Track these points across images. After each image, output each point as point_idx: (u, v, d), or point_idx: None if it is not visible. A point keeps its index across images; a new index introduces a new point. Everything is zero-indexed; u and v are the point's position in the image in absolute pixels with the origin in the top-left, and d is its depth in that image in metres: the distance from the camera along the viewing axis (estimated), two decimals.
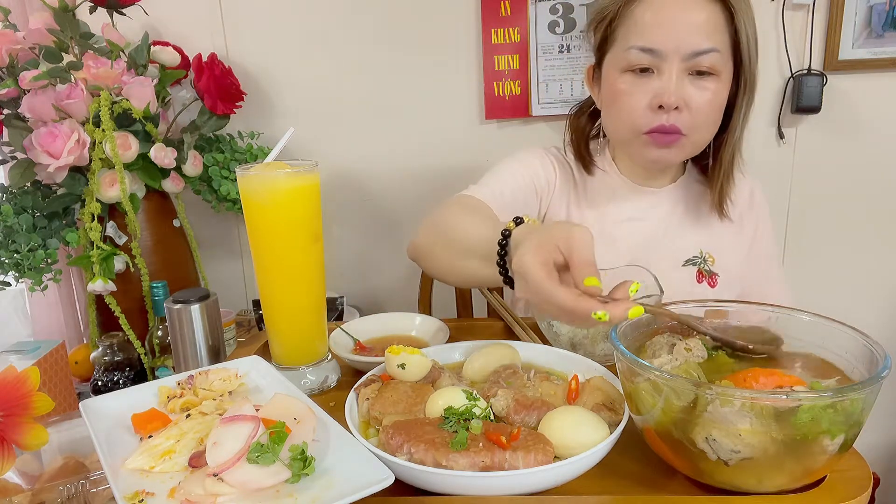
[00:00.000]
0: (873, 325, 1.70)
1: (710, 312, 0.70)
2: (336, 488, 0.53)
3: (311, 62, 1.63)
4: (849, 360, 0.59)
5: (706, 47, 0.93)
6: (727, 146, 1.04)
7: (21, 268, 1.22)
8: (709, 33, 0.93)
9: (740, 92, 1.00)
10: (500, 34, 1.57)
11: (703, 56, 0.93)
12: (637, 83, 0.97)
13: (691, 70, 0.95)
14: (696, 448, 0.53)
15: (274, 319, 0.81)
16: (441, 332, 0.90)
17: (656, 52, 0.94)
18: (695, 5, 0.94)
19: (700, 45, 0.93)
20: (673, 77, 0.94)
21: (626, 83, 0.98)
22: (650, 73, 0.96)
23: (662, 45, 0.94)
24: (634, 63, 0.96)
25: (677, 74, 0.94)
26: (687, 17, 0.94)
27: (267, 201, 0.76)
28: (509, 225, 0.74)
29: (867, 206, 1.64)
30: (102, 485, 0.62)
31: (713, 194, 1.08)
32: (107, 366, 1.17)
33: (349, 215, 1.70)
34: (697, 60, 0.94)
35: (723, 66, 0.95)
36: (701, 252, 1.11)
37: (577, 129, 1.14)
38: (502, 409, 0.65)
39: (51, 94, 1.20)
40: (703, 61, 0.94)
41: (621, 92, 0.99)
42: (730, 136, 1.03)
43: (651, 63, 0.96)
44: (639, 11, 0.96)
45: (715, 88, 0.96)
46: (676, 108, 0.95)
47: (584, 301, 0.60)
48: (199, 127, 1.45)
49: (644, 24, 0.95)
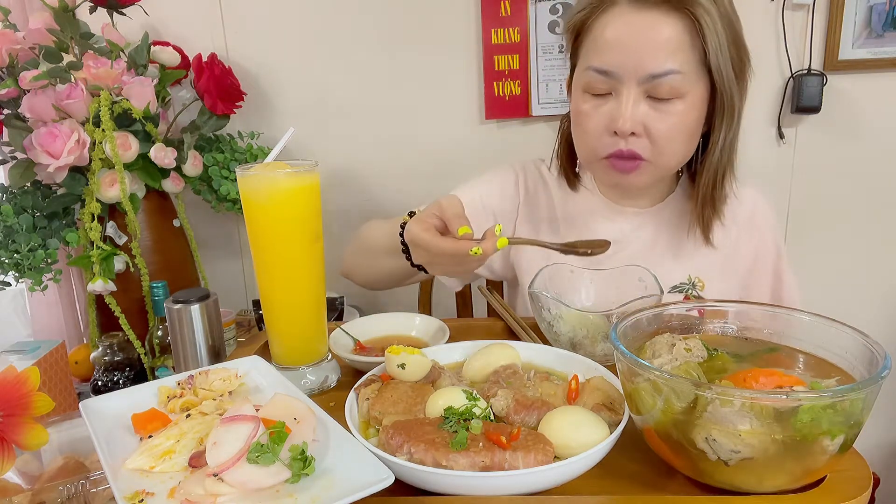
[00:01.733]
0: (873, 325, 1.70)
1: (710, 312, 0.70)
2: (336, 488, 0.53)
3: (312, 62, 1.63)
4: (849, 360, 0.59)
5: (665, 69, 0.86)
6: (706, 170, 0.96)
7: (21, 268, 1.22)
8: (669, 53, 0.86)
9: (717, 113, 0.92)
10: (500, 34, 1.57)
11: (661, 79, 0.86)
12: (596, 104, 0.92)
13: (650, 93, 0.88)
14: (696, 448, 0.53)
15: (274, 319, 0.81)
16: (441, 332, 0.90)
17: (611, 74, 0.89)
18: (654, 21, 0.86)
19: (658, 67, 0.86)
20: (629, 101, 0.88)
21: (586, 104, 0.93)
22: (609, 95, 0.91)
23: (618, 68, 0.88)
24: (591, 84, 0.91)
25: (634, 98, 0.88)
26: (645, 35, 0.86)
27: (267, 201, 0.76)
28: (405, 218, 0.91)
29: (867, 206, 1.64)
30: (102, 485, 0.62)
31: (694, 220, 1.01)
32: (107, 366, 1.17)
33: (349, 215, 1.70)
34: (656, 83, 0.87)
35: (689, 87, 0.88)
36: (689, 278, 1.03)
37: (565, 138, 1.08)
38: (502, 409, 0.65)
39: (51, 94, 1.20)
40: (662, 83, 0.87)
41: (581, 113, 0.94)
42: (707, 160, 0.95)
43: (607, 85, 0.90)
44: (598, 27, 0.90)
45: (680, 111, 0.89)
46: (634, 133, 0.89)
47: (461, 243, 0.77)
48: (199, 127, 1.45)
49: (602, 42, 0.89)
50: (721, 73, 0.88)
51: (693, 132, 0.93)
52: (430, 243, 0.79)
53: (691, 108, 0.90)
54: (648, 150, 0.91)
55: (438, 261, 0.82)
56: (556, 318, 0.82)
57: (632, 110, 0.88)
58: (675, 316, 0.69)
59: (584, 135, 0.95)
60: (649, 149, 0.91)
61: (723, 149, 0.94)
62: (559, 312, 0.81)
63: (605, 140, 0.92)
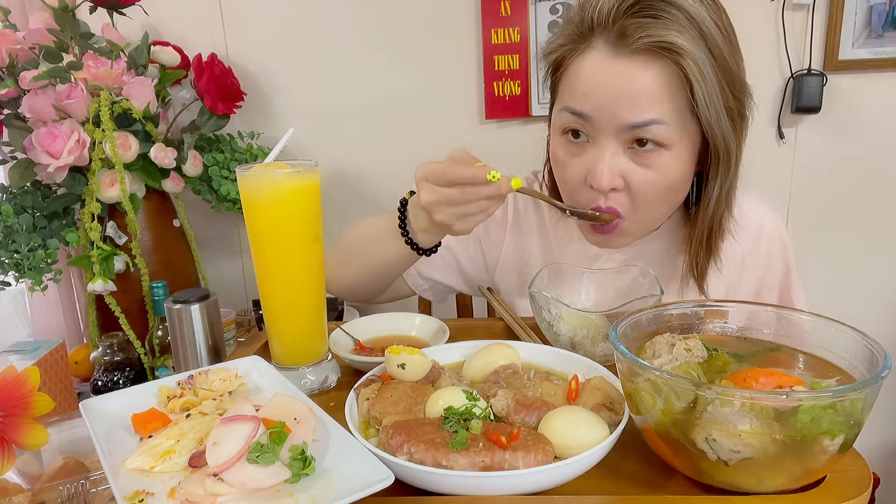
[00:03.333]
0: (873, 325, 1.70)
1: (710, 312, 0.70)
2: (336, 488, 0.53)
3: (312, 62, 1.63)
4: (849, 360, 0.59)
5: (645, 119, 0.77)
6: (701, 221, 0.88)
7: (21, 268, 1.22)
8: (651, 102, 0.77)
9: (711, 164, 0.83)
10: (500, 34, 1.57)
11: (641, 129, 0.78)
12: (573, 152, 0.85)
13: (631, 143, 0.80)
14: (696, 448, 0.53)
15: (274, 319, 0.81)
16: (441, 332, 0.90)
17: (588, 119, 0.80)
18: (635, 68, 0.77)
19: (638, 117, 0.78)
20: (606, 154, 0.80)
21: (562, 150, 0.86)
22: (587, 142, 0.83)
23: (594, 113, 0.80)
24: (568, 126, 0.84)
25: (613, 149, 0.80)
26: (623, 82, 0.77)
27: (267, 201, 0.76)
28: (405, 196, 0.91)
29: (867, 206, 1.64)
30: (102, 485, 0.62)
31: (688, 265, 0.92)
32: (107, 366, 1.17)
33: (349, 215, 1.70)
34: (635, 133, 0.79)
35: (674, 138, 0.79)
36: None
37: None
38: (502, 409, 0.65)
39: (51, 94, 1.20)
40: (642, 134, 0.79)
41: (559, 161, 0.87)
42: (702, 211, 0.87)
43: (584, 129, 0.82)
44: (574, 67, 0.82)
45: (664, 165, 0.81)
46: (613, 188, 0.82)
47: (479, 168, 0.75)
48: (199, 127, 1.45)
49: (577, 84, 0.81)
50: (712, 126, 0.79)
51: (679, 184, 0.85)
52: (447, 169, 0.77)
53: (676, 159, 0.81)
54: (628, 206, 0.84)
55: (450, 195, 0.78)
56: (556, 318, 0.82)
57: (609, 163, 0.81)
58: (675, 316, 0.69)
59: (563, 183, 0.89)
60: (628, 204, 0.84)
61: (718, 199, 0.86)
62: (559, 312, 0.81)
63: (584, 194, 0.85)
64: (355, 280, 1.03)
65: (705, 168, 0.86)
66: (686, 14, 0.76)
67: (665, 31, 0.75)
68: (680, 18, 0.76)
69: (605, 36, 0.80)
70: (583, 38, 0.82)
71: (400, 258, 0.95)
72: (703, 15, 0.77)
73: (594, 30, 0.81)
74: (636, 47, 0.77)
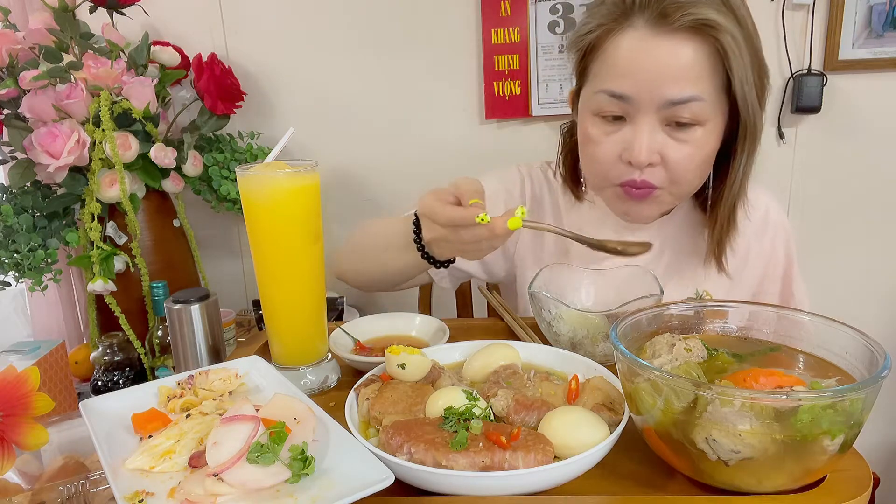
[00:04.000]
0: (873, 325, 1.70)
1: (710, 312, 0.70)
2: (336, 488, 0.53)
3: (311, 62, 1.63)
4: (849, 360, 0.59)
5: (686, 96, 0.81)
6: (725, 199, 0.92)
7: (21, 268, 1.22)
8: (691, 79, 0.81)
9: (739, 139, 0.87)
10: (500, 34, 1.57)
11: (681, 106, 0.81)
12: (608, 130, 0.87)
13: (669, 120, 0.83)
14: (696, 448, 0.53)
15: (274, 319, 0.81)
16: (441, 332, 0.90)
17: (628, 99, 0.83)
18: (675, 46, 0.81)
19: (678, 94, 0.81)
20: (645, 130, 0.83)
21: (596, 129, 0.88)
22: (622, 119, 0.86)
23: (635, 93, 0.82)
24: (605, 109, 0.86)
25: (651, 126, 0.83)
26: (665, 60, 0.81)
27: (267, 201, 0.76)
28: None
29: (867, 206, 1.64)
30: (102, 485, 0.62)
31: (710, 247, 0.97)
32: (107, 366, 1.17)
33: (349, 215, 1.70)
34: (675, 110, 0.82)
35: (710, 114, 0.83)
36: (696, 292, 0.98)
37: (568, 149, 1.03)
38: (502, 409, 0.65)
39: (51, 94, 1.20)
40: (682, 111, 0.82)
41: (591, 139, 0.89)
42: (727, 188, 0.91)
43: (622, 110, 0.85)
44: (612, 48, 0.85)
45: (699, 139, 0.84)
46: (650, 163, 0.85)
47: (469, 209, 0.75)
48: (199, 127, 1.45)
49: (616, 64, 0.84)
50: (745, 102, 0.83)
51: (709, 160, 0.89)
52: (438, 210, 0.77)
53: (710, 135, 0.85)
54: (664, 180, 0.87)
55: (446, 235, 0.79)
56: (556, 318, 0.82)
57: (649, 139, 0.83)
58: (675, 316, 0.69)
59: (594, 162, 0.90)
60: (665, 178, 0.87)
61: (744, 173, 0.90)
62: (559, 312, 0.81)
63: (619, 168, 0.88)
64: (373, 279, 1.07)
65: (732, 146, 0.89)
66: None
67: (705, 9, 0.79)
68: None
69: (646, 15, 0.82)
70: (623, 18, 0.84)
71: (417, 266, 0.95)
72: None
73: (634, 10, 0.83)
74: (678, 25, 0.80)
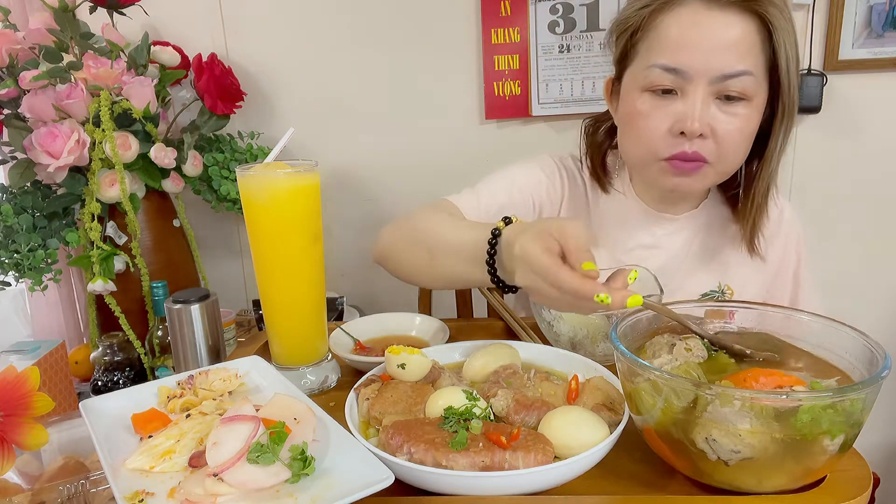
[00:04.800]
0: (873, 325, 1.70)
1: (711, 312, 0.70)
2: (336, 488, 0.53)
3: (311, 62, 1.63)
4: (849, 360, 0.59)
5: (738, 70, 0.83)
6: (761, 178, 0.94)
7: (21, 268, 1.22)
8: (742, 54, 0.83)
9: (777, 117, 0.89)
10: (500, 34, 1.57)
11: (733, 79, 0.84)
12: (658, 105, 0.88)
13: (719, 94, 0.85)
14: (696, 448, 0.53)
15: (274, 319, 0.81)
16: (441, 332, 0.90)
17: (681, 73, 0.85)
18: (727, 21, 0.83)
19: (731, 68, 0.83)
20: (698, 101, 0.85)
21: (646, 104, 0.89)
22: (673, 94, 0.87)
23: (688, 65, 0.84)
24: (656, 83, 0.87)
25: (703, 98, 0.85)
26: (718, 34, 0.83)
27: (267, 201, 0.76)
28: (499, 224, 0.75)
29: (867, 206, 1.64)
30: (102, 485, 0.62)
31: (745, 231, 0.98)
32: (107, 366, 1.17)
33: (349, 215, 1.70)
34: (727, 84, 0.84)
35: (756, 90, 0.86)
36: (719, 285, 1.01)
37: (594, 144, 1.04)
38: (502, 409, 0.65)
39: (51, 94, 1.20)
40: (733, 85, 0.84)
41: (640, 113, 0.90)
42: (765, 166, 0.93)
43: (675, 84, 0.86)
44: (664, 25, 0.87)
45: (746, 114, 0.86)
46: (701, 135, 0.86)
47: (588, 283, 0.61)
48: (199, 127, 1.45)
49: (669, 39, 0.86)
50: (788, 79, 0.86)
51: (752, 137, 0.90)
52: (550, 271, 0.63)
53: (756, 111, 0.87)
54: (713, 153, 0.88)
55: (551, 293, 0.65)
56: (556, 318, 0.82)
57: (701, 111, 0.85)
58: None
59: (642, 136, 0.90)
60: (714, 151, 0.88)
61: (780, 153, 0.92)
62: (559, 312, 0.81)
63: (668, 141, 0.88)
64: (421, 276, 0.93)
65: (770, 125, 0.91)
66: None
67: None
68: None
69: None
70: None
71: (480, 283, 0.84)
72: None
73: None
74: (729, 1, 0.83)
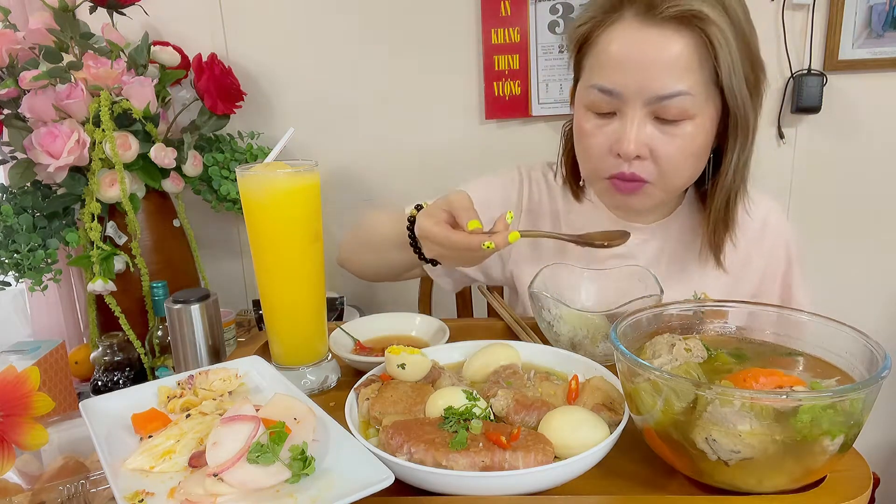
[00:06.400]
0: (873, 325, 1.70)
1: (710, 312, 0.70)
2: (336, 488, 0.53)
3: (311, 62, 1.63)
4: (849, 360, 0.59)
5: (674, 91, 0.81)
6: (719, 192, 0.92)
7: (21, 268, 1.22)
8: (679, 73, 0.81)
9: (730, 133, 0.88)
10: (500, 34, 1.57)
11: (669, 100, 0.82)
12: (599, 124, 0.88)
13: (658, 114, 0.84)
14: (696, 448, 0.53)
15: (274, 319, 0.81)
16: (441, 332, 0.90)
17: (616, 94, 0.84)
18: (664, 39, 0.81)
19: (666, 89, 0.81)
20: (634, 123, 0.84)
21: (588, 122, 0.89)
22: (614, 114, 0.87)
23: (623, 87, 0.83)
24: (595, 104, 0.87)
25: (639, 119, 0.84)
26: (653, 53, 0.81)
27: (267, 201, 0.76)
28: (412, 212, 0.91)
29: (867, 206, 1.64)
30: (102, 485, 0.62)
31: (706, 241, 0.97)
32: (107, 366, 1.17)
33: (349, 215, 1.70)
34: (663, 105, 0.82)
35: (699, 108, 0.84)
36: (695, 294, 0.97)
37: (568, 149, 1.03)
38: (502, 409, 0.65)
39: (51, 94, 1.20)
40: (670, 106, 0.82)
41: (584, 132, 0.90)
42: (720, 181, 0.91)
43: (611, 105, 0.86)
44: (602, 42, 0.86)
45: (689, 133, 0.84)
46: (638, 156, 0.86)
47: (474, 237, 0.77)
48: (199, 127, 1.45)
49: (606, 58, 0.85)
50: (735, 95, 0.83)
51: (701, 154, 0.89)
52: (442, 237, 0.80)
53: (700, 129, 0.85)
54: (653, 173, 0.88)
55: (450, 254, 0.83)
56: (556, 318, 0.82)
57: (636, 133, 0.84)
58: (675, 316, 0.69)
59: (587, 155, 0.92)
60: (654, 172, 0.88)
61: (736, 170, 0.90)
62: (559, 312, 0.81)
63: (609, 161, 0.89)
64: (375, 272, 1.12)
65: (723, 141, 0.90)
66: None
67: (692, 0, 0.80)
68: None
69: (635, 7, 0.83)
70: (613, 10, 0.85)
71: (414, 265, 1.02)
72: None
73: (624, 2, 0.84)
74: (665, 16, 0.81)
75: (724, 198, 0.92)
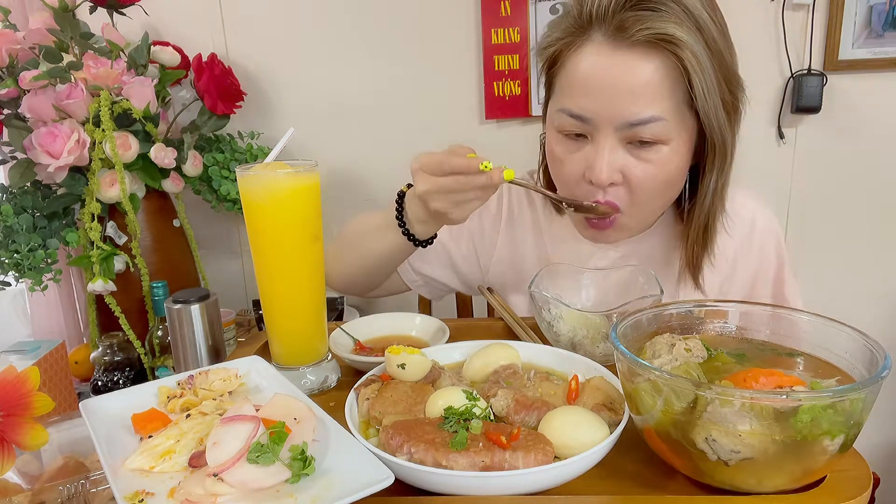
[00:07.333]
0: (873, 325, 1.70)
1: (710, 312, 0.70)
2: (336, 488, 0.52)
3: (311, 62, 1.63)
4: (849, 360, 0.59)
5: (645, 116, 0.78)
6: (697, 216, 0.89)
7: (21, 268, 1.22)
8: (650, 98, 0.77)
9: (708, 156, 0.84)
10: (500, 34, 1.57)
11: (641, 126, 0.78)
12: (570, 148, 0.85)
13: (630, 139, 0.81)
14: (696, 448, 0.53)
15: (274, 319, 0.81)
16: (441, 332, 0.90)
17: (586, 120, 0.81)
18: (634, 62, 0.77)
19: (637, 115, 0.78)
20: (606, 149, 0.81)
21: (560, 147, 0.86)
22: (585, 137, 0.84)
23: (593, 112, 0.80)
24: (566, 128, 0.84)
25: (611, 145, 0.81)
26: (623, 78, 0.77)
27: (267, 201, 0.76)
28: (403, 188, 0.92)
29: (867, 206, 1.64)
30: (102, 485, 0.62)
31: (685, 262, 0.93)
32: (107, 366, 1.17)
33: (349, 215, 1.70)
34: (635, 131, 0.79)
35: (673, 133, 0.80)
36: None
37: (546, 163, 0.99)
38: (502, 409, 0.65)
39: (51, 94, 1.20)
40: (641, 132, 0.79)
41: (555, 157, 0.88)
42: (698, 205, 0.88)
43: (582, 129, 0.82)
44: (572, 64, 0.82)
45: (663, 158, 0.81)
46: (612, 183, 0.83)
47: (472, 159, 0.77)
48: (199, 127, 1.45)
49: (575, 82, 0.81)
50: (710, 118, 0.80)
51: (675, 181, 0.86)
52: (440, 158, 0.79)
53: (675, 154, 0.82)
54: (626, 200, 0.85)
55: (445, 184, 0.80)
56: (556, 318, 0.82)
57: (608, 159, 0.81)
58: (675, 316, 0.69)
59: (560, 181, 0.90)
60: (627, 198, 0.85)
61: (715, 192, 0.87)
62: (559, 312, 0.81)
63: (582, 188, 0.86)
64: (352, 273, 1.06)
65: (701, 162, 0.87)
66: (683, 7, 0.77)
67: (663, 23, 0.76)
68: (677, 11, 0.77)
69: (604, 29, 0.80)
70: (581, 32, 0.82)
71: (397, 249, 0.96)
72: (699, 8, 0.78)
73: (592, 23, 0.81)
74: (635, 40, 0.77)
75: (703, 220, 0.89)
